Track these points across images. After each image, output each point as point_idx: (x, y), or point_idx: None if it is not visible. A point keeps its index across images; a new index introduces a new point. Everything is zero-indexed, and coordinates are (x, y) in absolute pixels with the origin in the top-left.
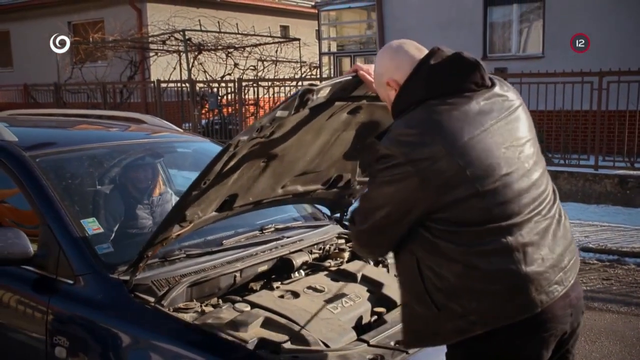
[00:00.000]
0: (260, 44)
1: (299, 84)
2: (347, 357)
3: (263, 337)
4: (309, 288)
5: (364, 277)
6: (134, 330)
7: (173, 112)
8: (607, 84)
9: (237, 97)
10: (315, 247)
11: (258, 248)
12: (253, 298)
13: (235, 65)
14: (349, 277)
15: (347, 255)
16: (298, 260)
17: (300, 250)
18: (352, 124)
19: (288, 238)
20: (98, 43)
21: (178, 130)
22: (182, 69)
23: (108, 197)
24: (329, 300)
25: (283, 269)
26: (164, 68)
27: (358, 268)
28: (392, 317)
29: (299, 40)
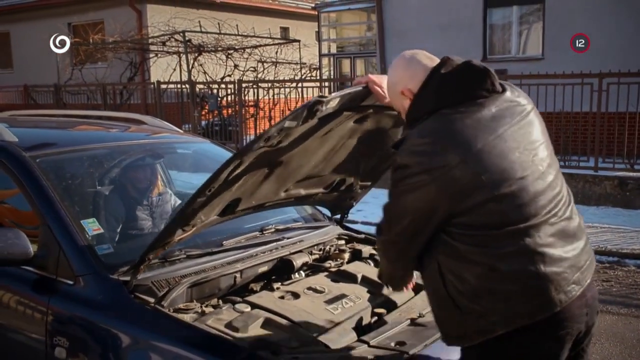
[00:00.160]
0: (260, 46)
1: (299, 85)
2: (347, 358)
3: (263, 337)
4: (309, 289)
5: (364, 278)
6: (134, 331)
7: (173, 113)
8: (607, 86)
9: (237, 98)
10: (316, 248)
11: (258, 249)
12: (253, 299)
13: (235, 67)
14: (349, 278)
15: (347, 256)
16: (298, 261)
17: (301, 251)
18: (357, 131)
19: (288, 239)
20: (98, 44)
21: (178, 131)
22: (182, 71)
23: (108, 197)
24: (329, 301)
25: (283, 270)
26: (164, 69)
27: (358, 269)
28: (392, 318)
29: (299, 42)
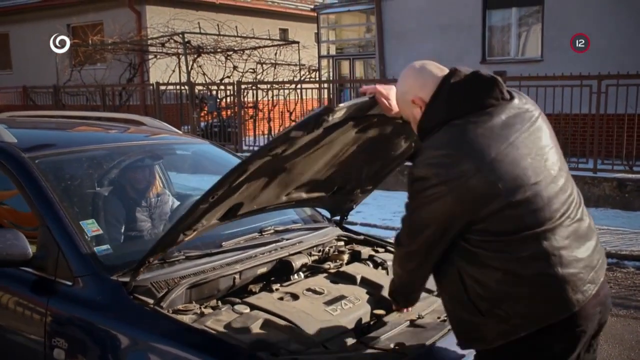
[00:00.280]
0: (260, 47)
1: (298, 87)
2: (346, 359)
3: (262, 339)
4: (309, 290)
5: (364, 279)
6: (133, 332)
7: (172, 114)
8: (605, 88)
9: (236, 99)
10: (315, 249)
11: (257, 250)
12: (252, 300)
13: (235, 68)
14: (349, 279)
15: (346, 258)
16: (297, 262)
17: (300, 252)
18: (361, 139)
19: (287, 240)
20: (97, 45)
21: (177, 133)
22: (181, 72)
23: (107, 198)
24: (329, 302)
25: (282, 271)
26: (163, 71)
27: (357, 270)
28: (391, 319)
29: (298, 43)
